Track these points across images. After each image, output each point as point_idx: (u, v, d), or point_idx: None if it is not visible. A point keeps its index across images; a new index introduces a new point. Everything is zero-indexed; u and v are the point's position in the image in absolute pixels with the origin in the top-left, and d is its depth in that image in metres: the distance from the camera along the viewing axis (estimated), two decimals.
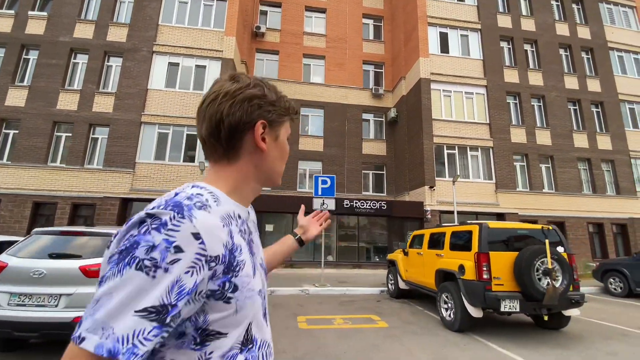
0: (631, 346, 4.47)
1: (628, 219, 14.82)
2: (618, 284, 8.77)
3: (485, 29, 15.84)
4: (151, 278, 0.45)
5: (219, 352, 0.54)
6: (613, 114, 16.07)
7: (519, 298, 4.50)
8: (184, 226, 0.49)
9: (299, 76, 17.37)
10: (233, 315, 0.55)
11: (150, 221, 0.49)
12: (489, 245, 4.84)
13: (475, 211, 13.90)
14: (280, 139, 0.70)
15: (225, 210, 0.59)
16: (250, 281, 0.59)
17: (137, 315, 0.44)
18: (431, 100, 14.48)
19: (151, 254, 0.46)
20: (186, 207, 0.51)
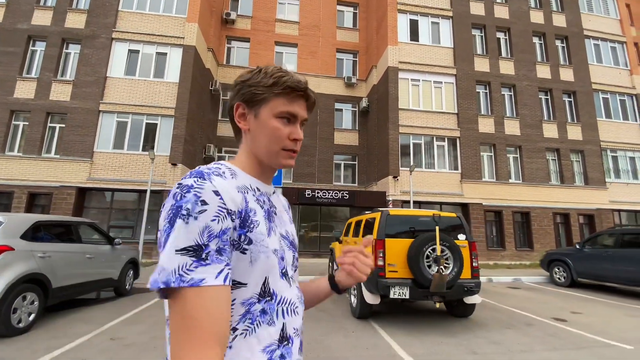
0: (522, 335, 4.47)
1: (595, 210, 14.81)
2: (562, 273, 8.78)
3: (457, 16, 15.52)
4: (186, 224, 0.56)
5: (239, 299, 0.63)
6: (585, 104, 15.90)
7: (409, 285, 4.48)
8: (206, 185, 0.60)
9: (270, 64, 16.92)
10: (249, 266, 0.64)
11: (180, 190, 0.60)
12: (389, 232, 4.80)
13: (439, 201, 13.87)
14: (260, 117, 0.73)
15: (242, 182, 0.69)
16: (265, 239, 0.66)
17: (178, 254, 0.55)
18: (398, 90, 14.28)
19: (187, 207, 0.57)
20: (206, 174, 0.63)
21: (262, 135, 0.73)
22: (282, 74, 0.73)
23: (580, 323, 5.12)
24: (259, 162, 0.75)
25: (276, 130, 0.72)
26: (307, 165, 16.26)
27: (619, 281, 7.36)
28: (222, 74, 16.54)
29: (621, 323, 5.17)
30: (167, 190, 12.03)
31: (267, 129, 0.72)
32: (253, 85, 0.72)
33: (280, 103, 0.72)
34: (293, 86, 0.72)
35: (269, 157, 0.74)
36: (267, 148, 0.73)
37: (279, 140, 0.73)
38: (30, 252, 4.31)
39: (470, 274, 4.79)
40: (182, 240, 0.56)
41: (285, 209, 0.85)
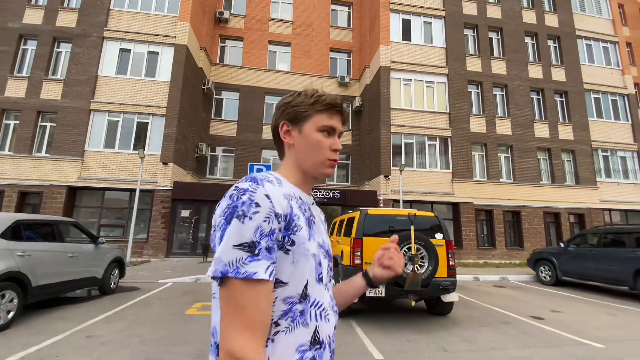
0: (496, 333, 4.53)
1: (586, 209, 14.91)
2: (547, 272, 8.86)
3: (449, 16, 15.56)
4: (242, 223, 0.64)
5: (281, 296, 0.69)
6: (577, 104, 15.98)
7: (384, 284, 4.52)
8: (259, 190, 0.68)
9: (263, 63, 17.11)
10: (291, 266, 0.70)
11: (237, 192, 0.68)
12: (367, 231, 4.85)
13: (430, 200, 13.94)
14: (304, 132, 0.82)
15: (287, 190, 0.75)
16: (305, 242, 0.73)
17: (235, 248, 0.63)
18: (390, 89, 14.32)
19: (242, 208, 0.65)
20: (259, 180, 0.71)
21: (307, 148, 0.82)
22: (321, 93, 0.83)
23: (558, 321, 5.18)
24: (302, 174, 0.83)
25: (319, 143, 0.81)
26: None
27: (602, 280, 7.44)
28: (215, 73, 16.54)
29: (599, 321, 5.24)
30: (158, 190, 12.05)
31: (311, 142, 0.81)
32: (296, 105, 0.82)
33: (321, 119, 0.82)
34: (332, 103, 0.83)
35: (314, 167, 0.82)
36: (312, 159, 0.82)
37: (322, 151, 0.82)
38: (9, 250, 4.34)
39: (447, 272, 4.84)
40: (239, 236, 0.63)
41: (322, 220, 0.91)
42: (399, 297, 4.67)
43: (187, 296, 6.45)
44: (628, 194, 15.67)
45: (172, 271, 9.03)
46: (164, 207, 11.95)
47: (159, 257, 11.56)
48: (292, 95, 0.85)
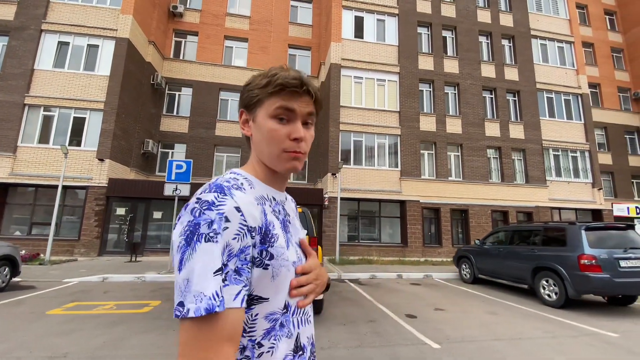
0: (347, 332, 4.47)
1: (534, 207, 15.05)
2: (467, 270, 8.87)
3: (402, 14, 15.52)
4: (215, 243, 0.55)
5: (262, 314, 0.63)
6: (529, 103, 16.10)
7: None
8: (228, 202, 0.59)
9: (219, 59, 16.86)
10: (271, 281, 0.63)
11: (199, 205, 0.58)
12: None
13: (378, 198, 13.91)
14: (257, 120, 0.70)
15: (259, 193, 0.68)
16: (284, 252, 0.66)
17: (216, 275, 0.54)
18: (340, 87, 14.23)
19: (212, 227, 0.56)
20: (226, 188, 0.61)
21: (262, 139, 0.70)
22: (276, 72, 0.70)
23: (427, 320, 5.14)
24: (265, 168, 0.73)
25: (272, 132, 0.68)
26: None
27: (508, 278, 7.45)
28: (168, 67, 16.24)
29: (470, 320, 5.21)
30: (92, 187, 11.77)
31: (264, 132, 0.69)
32: (250, 89, 0.71)
33: (274, 102, 0.68)
34: (285, 83, 0.68)
35: (272, 162, 0.71)
36: (268, 152, 0.70)
37: (277, 141, 0.68)
38: None
39: None
40: (213, 260, 0.54)
41: (295, 214, 0.83)
42: None
43: (72, 296, 6.26)
44: (578, 192, 15.88)
45: (89, 270, 8.81)
46: (97, 204, 11.67)
47: (90, 256, 11.30)
48: (253, 76, 0.74)
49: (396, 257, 13.21)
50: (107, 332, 4.21)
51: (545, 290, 6.30)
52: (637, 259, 5.68)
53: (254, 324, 0.62)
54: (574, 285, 5.72)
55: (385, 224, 14.40)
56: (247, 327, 0.62)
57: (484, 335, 4.44)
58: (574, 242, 5.94)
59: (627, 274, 5.55)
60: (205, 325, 0.53)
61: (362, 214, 14.17)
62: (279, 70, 0.70)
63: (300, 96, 0.70)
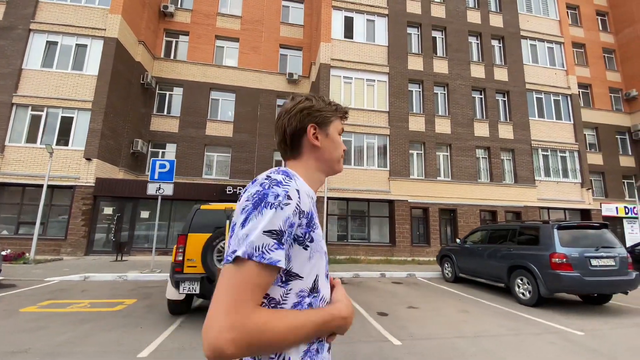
0: None
1: (522, 207, 15.12)
2: (449, 269, 8.93)
3: (392, 14, 15.57)
4: (275, 211, 0.66)
5: (295, 290, 0.72)
6: (518, 103, 16.16)
7: (199, 280, 4.46)
8: (292, 183, 0.71)
9: (210, 58, 16.89)
10: (307, 261, 0.74)
11: (269, 181, 0.70)
12: (195, 226, 4.77)
13: (367, 198, 13.96)
14: (330, 134, 0.91)
15: (307, 189, 0.78)
16: (321, 240, 0.77)
17: (264, 234, 0.64)
18: (329, 87, 14.27)
19: (278, 198, 0.67)
20: (291, 174, 0.74)
21: (332, 148, 0.91)
22: (335, 102, 0.95)
23: (397, 318, 5.19)
24: (319, 173, 0.90)
25: (339, 144, 0.93)
26: (245, 162, 16.16)
27: (486, 277, 7.51)
28: (159, 67, 16.26)
29: (441, 318, 5.26)
30: (79, 186, 11.79)
31: (335, 143, 0.92)
32: (323, 110, 0.90)
33: (338, 123, 0.94)
34: (346, 111, 0.96)
35: (335, 165, 0.92)
36: (335, 158, 0.91)
37: (339, 150, 0.93)
38: None
39: None
40: (270, 224, 0.65)
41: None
42: None
43: (50, 294, 6.29)
44: (567, 192, 15.95)
45: (72, 269, 8.83)
46: (84, 204, 11.69)
47: (76, 256, 11.32)
48: (307, 99, 0.91)
49: (384, 257, 13.25)
50: (74, 330, 4.25)
51: (519, 289, 6.36)
52: (608, 257, 5.74)
53: (286, 298, 0.71)
54: (546, 283, 5.78)
55: (374, 223, 14.45)
56: (282, 302, 0.71)
57: (449, 333, 4.49)
58: (547, 241, 6.00)
59: (597, 272, 5.61)
60: (246, 271, 0.63)
61: (352, 214, 14.22)
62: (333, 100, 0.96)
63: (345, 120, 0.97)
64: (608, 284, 5.64)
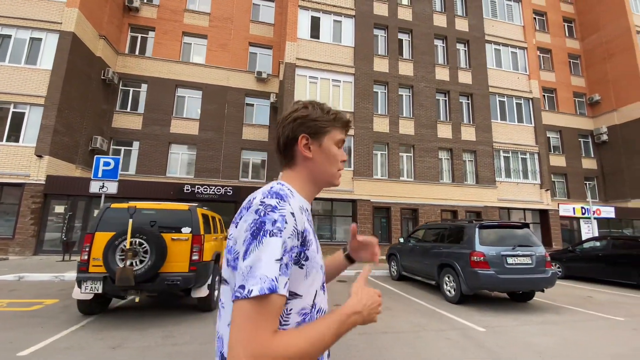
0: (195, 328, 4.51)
1: (483, 207, 15.52)
2: (394, 267, 9.09)
3: (359, 15, 15.71)
4: (278, 238, 0.66)
5: (295, 309, 0.72)
6: (481, 106, 16.57)
7: (101, 279, 4.42)
8: (287, 206, 0.70)
9: (176, 55, 16.66)
10: (304, 279, 0.73)
11: (264, 207, 0.69)
12: (104, 225, 4.72)
13: (330, 197, 14.07)
14: (324, 146, 0.86)
15: (299, 203, 0.77)
16: (316, 255, 0.77)
17: (276, 263, 0.64)
18: (294, 87, 14.29)
19: (275, 225, 0.67)
20: (284, 196, 0.72)
21: (326, 161, 0.86)
22: (336, 110, 0.90)
23: None
24: (314, 185, 0.87)
25: (336, 155, 0.88)
26: (211, 161, 16.02)
27: (422, 275, 7.68)
28: (123, 63, 15.93)
29: None
30: (29, 184, 11.45)
31: (330, 155, 0.86)
32: (317, 120, 0.85)
33: (337, 133, 0.88)
34: (348, 121, 0.91)
35: (329, 178, 0.88)
36: (329, 171, 0.87)
37: (337, 163, 0.88)
38: None
39: (188, 267, 4.79)
40: (274, 252, 0.64)
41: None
42: (122, 294, 4.56)
43: None
44: (526, 193, 16.46)
45: (12, 269, 8.57)
46: (34, 202, 11.37)
47: (24, 255, 11.01)
48: (304, 107, 0.87)
49: None
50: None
51: (447, 287, 6.54)
52: (524, 256, 5.97)
53: (288, 317, 0.71)
54: (467, 281, 5.97)
55: (339, 223, 14.58)
56: (282, 321, 0.70)
57: (354, 330, 4.58)
58: (469, 239, 6.20)
59: (512, 270, 5.83)
60: (262, 304, 0.62)
61: (317, 214, 14.30)
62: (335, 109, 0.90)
63: (348, 130, 0.93)
64: (523, 282, 5.87)
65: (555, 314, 5.81)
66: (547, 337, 4.49)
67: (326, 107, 0.89)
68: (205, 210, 5.89)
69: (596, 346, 4.19)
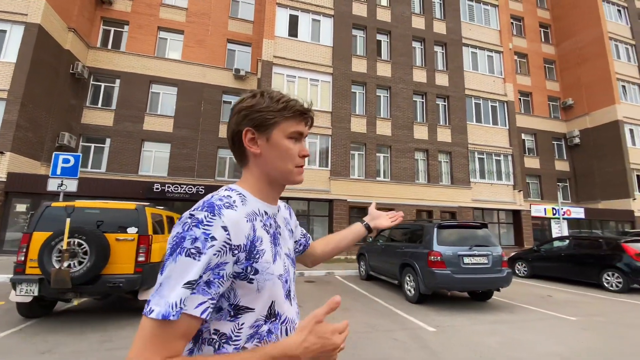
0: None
1: (457, 207, 15.78)
2: (363, 267, 9.11)
3: (338, 15, 15.70)
4: (194, 260, 0.61)
5: (248, 322, 0.69)
6: (457, 108, 16.84)
7: (37, 281, 4.23)
8: (215, 222, 0.64)
9: (151, 50, 16.24)
10: (256, 294, 0.69)
11: (191, 220, 0.64)
12: (45, 225, 4.52)
13: (307, 197, 14.01)
14: (273, 139, 0.76)
15: (251, 209, 0.72)
16: (270, 266, 0.71)
17: (182, 287, 0.60)
18: (271, 85, 14.16)
19: (195, 244, 0.62)
20: (217, 207, 0.66)
21: (277, 157, 0.77)
22: (288, 98, 0.78)
23: None
24: (269, 184, 0.79)
25: (289, 150, 0.77)
26: (186, 159, 15.69)
27: (387, 275, 7.71)
28: (94, 57, 15.42)
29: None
30: None
31: (280, 150, 0.77)
32: (263, 111, 0.75)
33: (290, 125, 0.77)
34: (302, 110, 0.79)
35: (284, 176, 0.79)
36: (282, 168, 0.78)
37: (292, 158, 0.78)
38: None
39: (134, 268, 4.64)
40: (185, 273, 0.60)
41: (287, 223, 0.90)
42: (58, 296, 4.38)
43: None
44: (500, 194, 16.83)
45: None
46: None
47: None
48: (252, 97, 0.78)
49: None
50: None
51: (407, 286, 6.59)
52: (481, 256, 6.06)
53: (239, 332, 0.68)
54: (424, 280, 6.01)
55: (316, 223, 14.54)
56: (234, 336, 0.68)
57: None
58: (428, 239, 6.25)
59: (468, 270, 5.91)
60: (158, 328, 0.59)
61: None
62: (289, 97, 0.79)
63: (307, 121, 0.81)
64: (479, 281, 5.96)
65: (510, 313, 5.92)
66: (494, 337, 4.55)
67: (277, 95, 0.78)
68: (159, 209, 5.72)
69: (538, 346, 4.25)
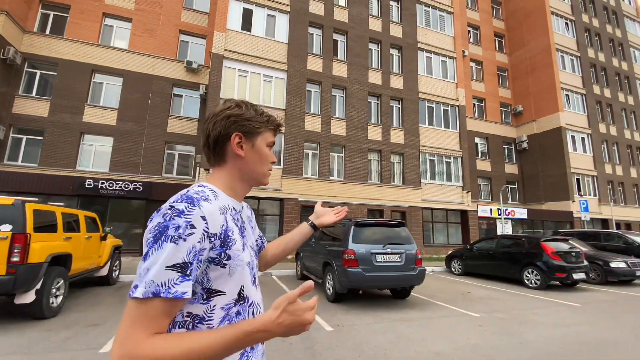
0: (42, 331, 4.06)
1: (407, 207, 16.18)
2: (299, 266, 9.05)
3: (294, 12, 15.55)
4: (176, 245, 0.67)
5: (220, 305, 0.75)
6: (410, 111, 17.27)
7: None
8: (195, 212, 0.70)
9: (94, 37, 15.25)
10: (227, 277, 0.76)
11: (171, 212, 0.70)
12: None
13: (257, 196, 13.76)
14: (256, 146, 0.89)
15: (222, 204, 0.79)
16: (240, 254, 0.79)
17: (168, 269, 0.66)
18: (221, 79, 13.77)
19: (178, 231, 0.67)
20: (195, 200, 0.72)
21: (257, 161, 0.90)
22: (268, 112, 0.94)
23: None
24: (242, 184, 0.90)
25: (268, 156, 0.92)
26: (130, 154, 14.87)
27: (315, 273, 7.68)
28: (30, 42, 14.22)
29: None
30: None
31: (261, 155, 0.91)
32: (252, 120, 0.88)
33: (269, 135, 0.93)
34: (279, 124, 0.96)
35: (260, 177, 0.92)
36: (259, 170, 0.91)
37: (267, 163, 0.93)
38: None
39: (6, 269, 4.25)
40: (173, 258, 0.66)
41: (249, 220, 0.98)
42: None
43: None
44: (449, 194, 17.47)
45: None
46: None
47: None
48: (237, 106, 0.88)
49: None
50: None
51: (328, 285, 6.58)
52: (394, 254, 6.17)
53: (212, 314, 0.74)
54: (339, 279, 6.02)
55: (268, 222, 14.33)
56: (207, 317, 0.74)
57: None
58: (346, 237, 6.27)
59: (379, 268, 5.99)
60: (146, 306, 0.64)
61: None
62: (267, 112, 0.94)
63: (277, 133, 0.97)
64: (390, 279, 6.06)
65: (421, 310, 6.05)
66: (387, 335, 4.59)
67: (259, 108, 0.92)
68: (49, 205, 5.29)
69: (424, 344, 4.31)
